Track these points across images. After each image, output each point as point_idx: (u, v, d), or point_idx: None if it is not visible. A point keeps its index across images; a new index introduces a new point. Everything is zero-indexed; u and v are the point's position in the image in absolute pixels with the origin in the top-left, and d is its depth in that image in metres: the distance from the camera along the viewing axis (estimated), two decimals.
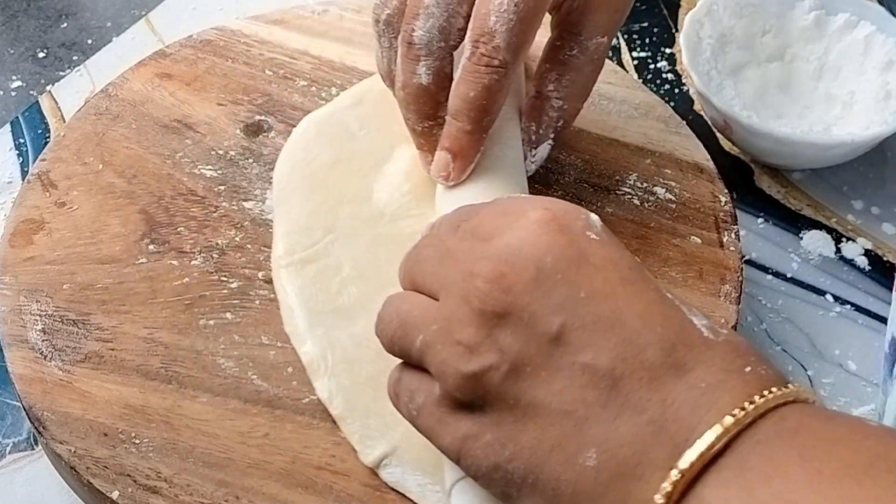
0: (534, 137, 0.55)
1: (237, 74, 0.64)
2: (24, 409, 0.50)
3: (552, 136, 0.55)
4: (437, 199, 0.53)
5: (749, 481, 0.33)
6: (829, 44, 0.68)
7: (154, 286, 0.53)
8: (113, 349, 0.51)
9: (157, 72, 0.63)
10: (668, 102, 0.64)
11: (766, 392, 0.35)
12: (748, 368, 0.36)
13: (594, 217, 0.40)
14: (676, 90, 0.71)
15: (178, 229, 0.56)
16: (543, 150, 0.55)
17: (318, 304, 0.52)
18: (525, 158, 0.55)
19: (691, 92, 0.71)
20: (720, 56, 0.67)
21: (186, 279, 0.54)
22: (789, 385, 0.36)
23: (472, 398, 0.38)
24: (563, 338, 0.36)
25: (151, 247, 0.55)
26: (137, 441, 0.48)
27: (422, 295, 0.41)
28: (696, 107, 0.70)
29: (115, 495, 0.46)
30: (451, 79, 0.52)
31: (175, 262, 0.54)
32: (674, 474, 0.34)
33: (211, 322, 0.52)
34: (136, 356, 0.51)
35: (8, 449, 0.53)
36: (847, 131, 0.64)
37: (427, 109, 0.53)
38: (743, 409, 0.34)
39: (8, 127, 0.68)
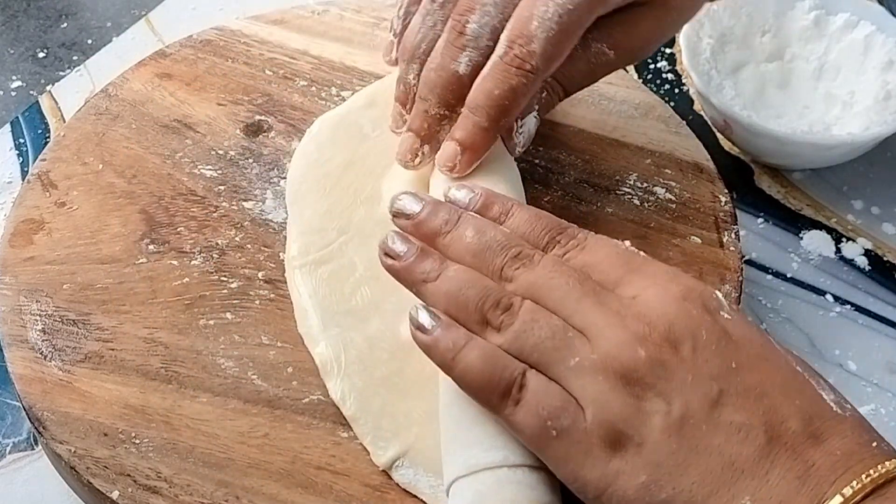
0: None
1: (237, 74, 0.64)
2: (24, 409, 0.50)
3: (536, 107, 0.55)
4: (432, 185, 0.53)
5: None
6: (829, 43, 0.68)
7: (154, 286, 0.53)
8: (113, 349, 0.51)
9: (157, 72, 0.64)
10: (668, 102, 0.64)
11: (887, 462, 0.39)
12: (875, 444, 0.40)
13: (720, 295, 0.43)
14: (676, 90, 0.71)
15: (178, 229, 0.56)
16: (529, 123, 0.55)
17: (332, 305, 0.52)
18: (513, 130, 0.54)
19: (691, 92, 0.71)
20: (720, 56, 0.67)
21: (186, 279, 0.54)
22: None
23: (634, 434, 0.40)
24: (721, 399, 0.40)
25: (151, 247, 0.55)
26: (137, 441, 0.48)
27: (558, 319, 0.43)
28: (696, 107, 0.70)
29: (115, 495, 0.46)
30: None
31: (175, 262, 0.54)
32: None
33: (211, 322, 0.52)
34: (136, 356, 0.51)
35: (8, 449, 0.53)
36: (847, 131, 0.64)
37: (450, 98, 0.53)
38: (875, 471, 0.38)
39: (8, 127, 0.68)
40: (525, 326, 0.42)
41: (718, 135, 0.68)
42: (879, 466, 0.38)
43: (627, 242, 0.46)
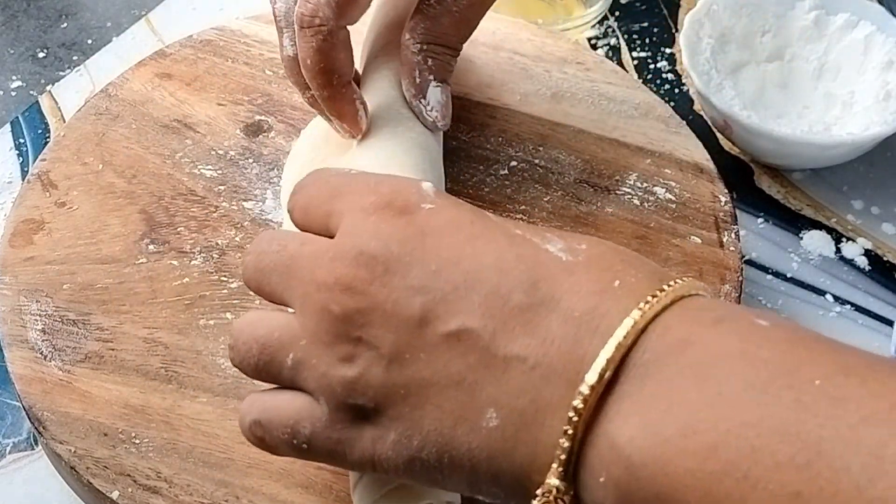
0: (413, 90, 0.53)
1: (237, 74, 0.64)
2: (24, 409, 0.50)
3: (431, 78, 0.53)
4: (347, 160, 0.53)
5: (650, 411, 0.32)
6: (829, 43, 0.68)
7: (154, 286, 0.53)
8: (113, 349, 0.51)
9: (157, 72, 0.64)
10: (668, 102, 0.64)
11: (642, 305, 0.34)
12: (617, 282, 0.35)
13: (426, 185, 0.40)
14: (676, 90, 0.71)
15: (178, 229, 0.56)
16: (434, 94, 0.53)
17: None
18: (422, 112, 0.54)
19: (691, 92, 0.71)
20: (720, 56, 0.67)
21: (186, 279, 0.54)
22: (665, 287, 0.35)
23: (363, 402, 0.37)
24: (427, 315, 0.36)
25: (151, 247, 0.55)
26: (137, 441, 0.48)
27: (275, 312, 0.40)
28: (696, 107, 0.70)
29: (115, 495, 0.46)
30: None
31: (175, 263, 0.54)
32: (570, 414, 0.33)
33: (211, 322, 0.52)
34: (136, 356, 0.51)
35: (8, 449, 0.53)
36: (847, 131, 0.64)
37: (302, 80, 0.53)
38: (625, 330, 0.33)
39: (8, 127, 0.67)
40: (239, 354, 0.40)
41: (718, 135, 0.68)
42: (629, 321, 0.33)
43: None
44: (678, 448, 0.31)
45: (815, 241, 0.63)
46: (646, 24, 0.75)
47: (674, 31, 0.75)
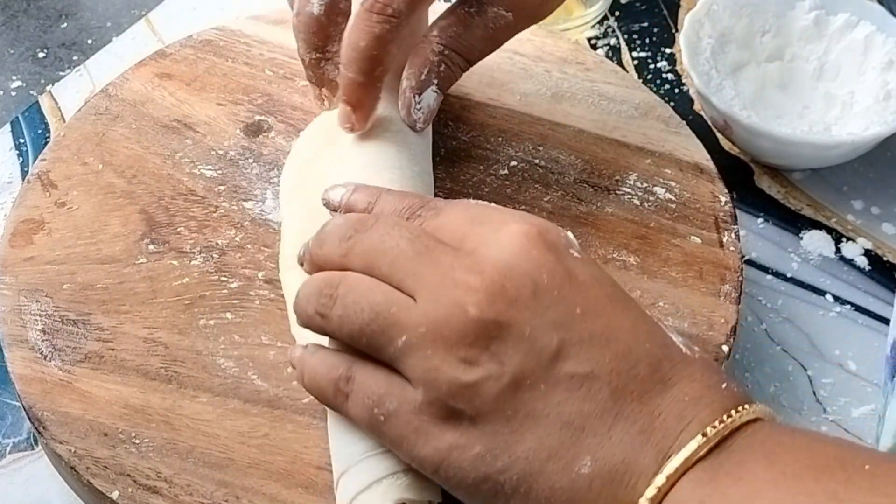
0: (414, 83, 0.53)
1: (237, 74, 0.64)
2: (24, 409, 0.50)
3: (435, 82, 0.53)
4: (343, 150, 0.54)
5: (721, 483, 0.36)
6: (829, 44, 0.68)
7: (154, 286, 0.53)
8: (113, 349, 0.51)
9: (157, 72, 0.64)
10: (668, 102, 0.64)
11: (740, 408, 0.37)
12: (724, 385, 0.38)
13: (571, 235, 0.41)
14: (676, 90, 0.71)
15: (178, 229, 0.56)
16: (428, 98, 0.53)
17: None
18: (413, 107, 0.54)
19: (691, 92, 0.71)
20: (720, 56, 0.67)
21: (186, 279, 0.54)
22: (756, 404, 0.39)
23: (465, 408, 0.37)
24: (562, 353, 0.37)
25: (151, 247, 0.55)
26: (137, 441, 0.48)
27: (391, 287, 0.40)
28: (696, 107, 0.70)
29: (115, 495, 0.46)
30: (346, 14, 0.52)
31: (175, 262, 0.54)
32: (659, 479, 0.36)
33: (211, 322, 0.52)
34: (136, 356, 0.51)
35: (8, 449, 0.53)
36: (847, 131, 0.64)
37: (316, 41, 0.53)
38: (722, 421, 0.37)
39: (8, 127, 0.68)
40: (346, 311, 0.40)
41: (718, 135, 0.68)
42: (726, 417, 0.37)
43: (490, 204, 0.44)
44: None
45: (815, 241, 0.63)
46: (646, 24, 0.75)
47: (674, 31, 0.75)
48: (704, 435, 0.36)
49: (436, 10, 0.55)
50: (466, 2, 0.53)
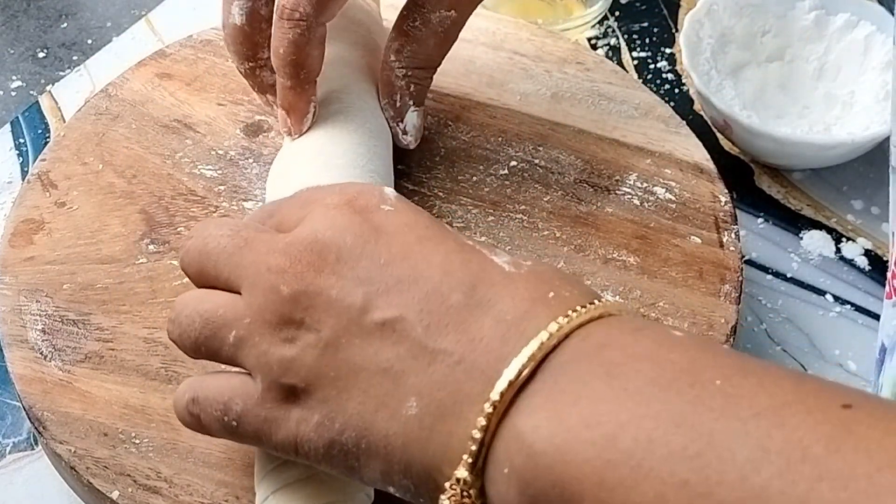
0: (392, 112, 0.55)
1: (237, 74, 0.63)
2: (24, 409, 0.50)
3: (411, 104, 0.55)
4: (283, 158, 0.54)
5: (558, 404, 0.33)
6: (830, 44, 0.68)
7: (154, 286, 0.53)
8: (113, 349, 0.51)
9: (157, 72, 0.63)
10: (668, 102, 0.64)
11: (570, 312, 0.35)
12: (552, 294, 0.36)
13: (388, 190, 0.41)
14: (676, 90, 0.71)
15: (179, 229, 0.56)
16: (412, 118, 0.55)
17: None
18: (400, 134, 0.56)
19: (691, 92, 0.71)
20: (720, 56, 0.67)
21: (186, 279, 0.53)
22: (595, 302, 0.36)
23: (296, 381, 0.38)
24: (369, 305, 0.37)
25: (151, 247, 0.55)
26: (137, 441, 0.48)
27: (219, 291, 0.41)
28: (696, 107, 0.70)
29: (115, 495, 0.46)
30: (269, 20, 0.53)
31: (175, 263, 0.54)
32: (486, 407, 0.34)
33: None
34: (136, 356, 0.51)
35: (8, 449, 0.53)
36: (847, 131, 0.64)
37: (245, 50, 0.54)
38: (549, 333, 0.35)
39: (8, 127, 0.67)
40: (183, 328, 0.42)
41: (718, 135, 0.68)
42: (556, 329, 0.34)
43: None
44: (579, 438, 0.32)
45: (815, 241, 0.63)
46: (646, 24, 0.75)
47: (674, 31, 0.75)
48: (528, 351, 0.34)
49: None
50: (408, 17, 0.54)
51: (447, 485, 0.35)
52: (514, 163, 0.60)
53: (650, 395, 0.32)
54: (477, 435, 0.34)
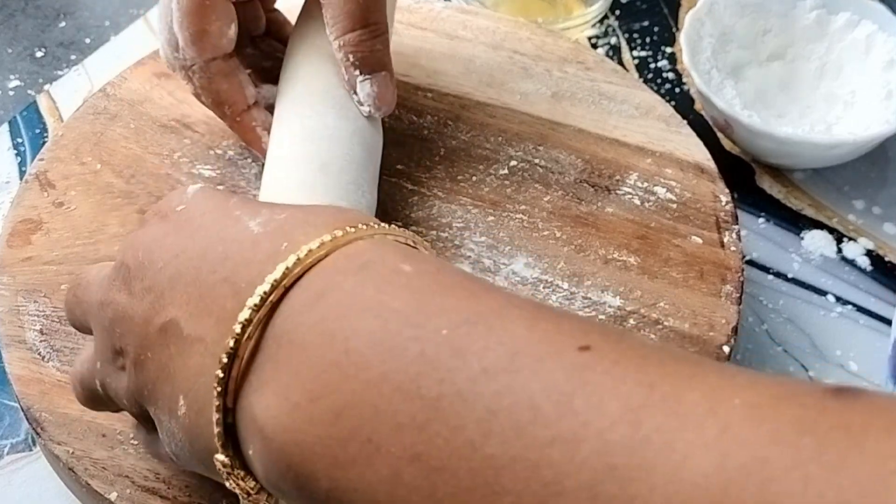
0: (346, 86, 0.53)
1: None
2: (22, 410, 0.49)
3: (357, 73, 0.52)
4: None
5: (282, 377, 0.31)
6: (831, 43, 0.68)
7: None
8: None
9: (156, 71, 0.63)
10: (668, 102, 0.64)
11: (292, 259, 0.32)
12: (285, 244, 0.33)
13: (191, 188, 0.40)
14: (677, 89, 0.71)
15: None
16: (364, 87, 0.53)
17: None
18: (357, 106, 0.53)
19: (692, 91, 0.70)
20: (721, 55, 0.67)
21: None
22: (331, 234, 0.33)
23: (134, 408, 0.39)
24: (151, 313, 0.36)
25: None
26: (136, 442, 0.47)
27: (87, 345, 0.43)
28: (697, 106, 0.70)
29: (113, 496, 0.46)
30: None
31: None
32: (216, 386, 0.32)
33: None
34: None
35: (6, 450, 0.53)
36: (848, 131, 0.64)
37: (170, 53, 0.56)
38: (264, 288, 0.32)
39: (6, 126, 0.67)
40: (76, 392, 0.44)
41: (719, 134, 0.68)
42: (269, 279, 0.32)
43: None
44: (306, 415, 0.30)
45: (817, 241, 0.63)
46: (646, 24, 0.75)
47: (674, 30, 0.75)
48: (242, 320, 0.32)
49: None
50: None
51: (217, 469, 0.34)
52: (514, 162, 0.59)
53: (371, 357, 0.29)
54: (216, 417, 0.33)
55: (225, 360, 0.32)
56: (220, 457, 0.33)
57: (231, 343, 0.32)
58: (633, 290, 0.54)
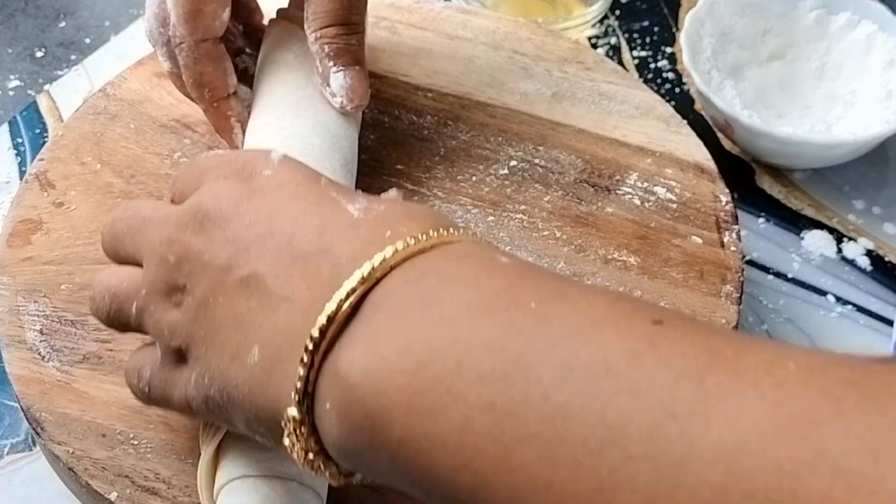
0: (318, 77, 0.54)
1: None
2: (22, 410, 0.49)
3: (331, 65, 0.54)
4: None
5: (373, 336, 0.33)
6: (831, 43, 0.68)
7: None
8: (111, 350, 0.51)
9: (156, 71, 0.63)
10: (668, 102, 0.64)
11: (399, 245, 0.35)
12: (389, 233, 0.36)
13: (275, 154, 0.42)
14: (677, 89, 0.71)
15: None
16: (337, 79, 0.54)
17: None
18: (329, 98, 0.54)
19: (692, 91, 0.70)
20: (721, 55, 0.67)
21: None
22: (431, 233, 0.35)
23: (180, 343, 0.40)
24: (232, 263, 0.38)
25: None
26: (136, 442, 0.47)
27: (127, 266, 0.43)
28: (697, 106, 0.70)
29: (113, 496, 0.46)
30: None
31: None
32: (308, 344, 0.34)
33: None
34: None
35: (6, 450, 0.53)
36: (848, 131, 0.64)
37: (185, 90, 0.57)
38: (372, 266, 0.34)
39: (6, 126, 0.67)
40: (95, 300, 0.44)
41: (719, 134, 0.68)
42: (378, 256, 0.34)
43: None
44: (391, 366, 0.32)
45: (817, 241, 0.63)
46: (646, 24, 0.75)
47: (674, 30, 0.75)
48: (349, 287, 0.34)
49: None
50: None
51: (282, 423, 0.35)
52: (514, 162, 0.59)
53: (463, 320, 0.32)
54: (301, 372, 0.34)
55: (323, 321, 0.34)
56: (293, 410, 0.35)
57: (332, 308, 0.34)
58: (633, 290, 0.54)
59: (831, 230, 0.64)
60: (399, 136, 0.60)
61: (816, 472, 0.25)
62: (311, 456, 0.35)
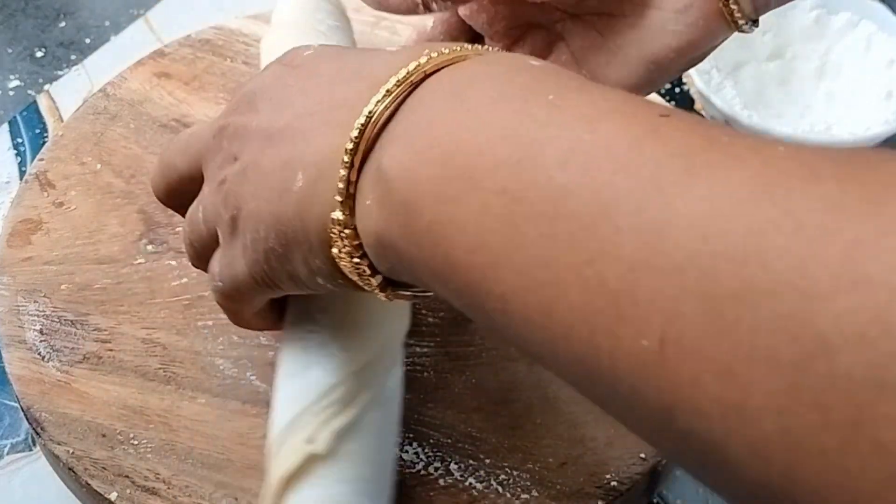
0: None
1: (236, 73, 0.63)
2: (23, 410, 0.49)
3: None
4: None
5: (411, 133, 0.35)
6: (831, 43, 0.68)
7: (152, 286, 0.53)
8: (111, 350, 0.51)
9: (156, 71, 0.63)
10: (668, 102, 0.64)
11: (435, 54, 0.36)
12: (426, 53, 0.37)
13: (319, 45, 0.43)
14: (677, 89, 0.71)
15: (177, 229, 0.56)
16: None
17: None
18: None
19: (692, 91, 0.70)
20: (720, 55, 0.67)
21: (185, 279, 0.53)
22: (467, 46, 0.37)
23: (232, 212, 0.40)
24: (276, 116, 0.39)
25: (150, 247, 0.55)
26: (136, 442, 0.47)
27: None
28: (697, 106, 0.70)
29: (113, 496, 0.46)
30: None
31: (173, 263, 0.54)
32: (349, 145, 0.36)
33: (209, 322, 0.52)
34: (135, 357, 0.50)
35: (6, 450, 0.53)
36: (848, 131, 0.64)
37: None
38: (407, 70, 0.36)
39: (6, 126, 0.67)
40: (185, 235, 0.44)
41: None
42: (413, 63, 0.36)
43: None
44: (424, 158, 0.34)
45: None
46: None
47: None
48: (385, 91, 0.36)
49: None
50: None
51: (329, 232, 0.36)
52: None
53: (487, 112, 0.33)
54: (343, 173, 0.36)
55: (362, 122, 0.35)
56: (338, 213, 0.36)
57: (370, 108, 0.35)
58: None
59: None
60: None
61: (780, 229, 0.25)
62: (356, 260, 0.37)
